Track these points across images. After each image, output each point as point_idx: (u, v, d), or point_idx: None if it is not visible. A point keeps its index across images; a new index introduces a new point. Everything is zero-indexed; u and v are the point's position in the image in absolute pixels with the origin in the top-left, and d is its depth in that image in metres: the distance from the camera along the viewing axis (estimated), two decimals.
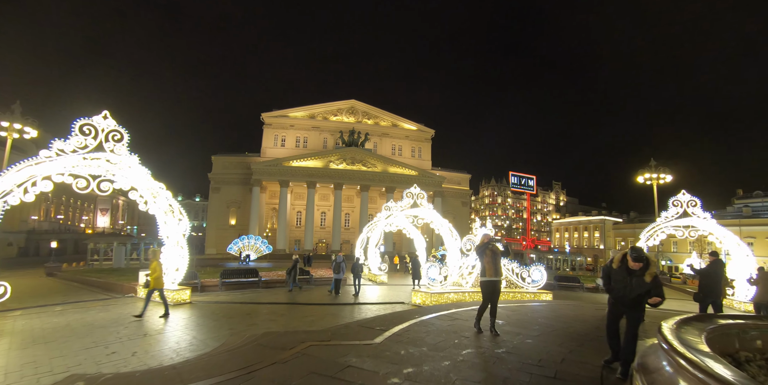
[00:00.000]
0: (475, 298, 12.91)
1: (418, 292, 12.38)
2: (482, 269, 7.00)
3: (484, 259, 6.96)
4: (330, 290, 14.63)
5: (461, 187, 62.77)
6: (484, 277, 6.93)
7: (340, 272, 14.29)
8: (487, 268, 6.90)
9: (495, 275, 6.90)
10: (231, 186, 54.91)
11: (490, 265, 6.89)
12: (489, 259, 6.93)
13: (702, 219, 20.16)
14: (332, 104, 57.66)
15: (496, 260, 6.97)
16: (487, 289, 6.89)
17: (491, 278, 6.86)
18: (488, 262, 6.91)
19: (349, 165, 51.71)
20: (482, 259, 7.01)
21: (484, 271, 6.96)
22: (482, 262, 7.01)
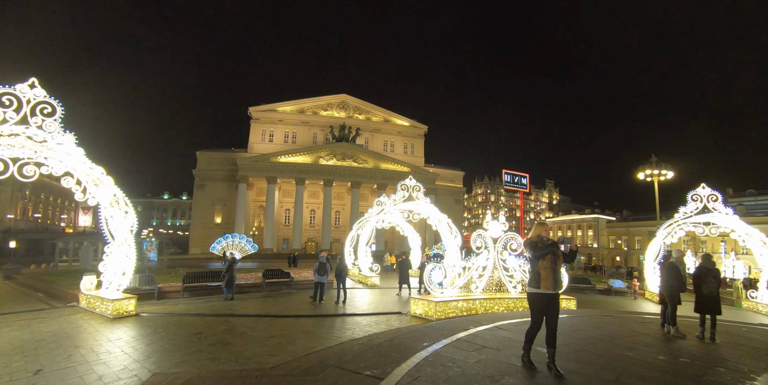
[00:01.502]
0: (486, 306, 10.57)
1: (419, 300, 9.98)
2: (534, 277, 4.69)
3: (540, 263, 4.65)
4: (311, 297, 12.17)
5: (455, 184, 60.61)
6: (537, 288, 4.63)
7: (323, 275, 11.84)
8: (543, 276, 4.60)
9: (554, 286, 4.62)
10: (216, 183, 52.07)
11: (548, 272, 4.59)
12: (548, 263, 4.63)
13: (724, 215, 18.17)
14: (322, 99, 55.06)
15: (557, 266, 4.66)
16: (540, 305, 4.64)
17: (548, 290, 4.58)
18: (546, 267, 4.61)
19: (340, 161, 49.19)
20: (536, 262, 4.70)
21: (536, 279, 4.65)
22: (535, 267, 4.70)
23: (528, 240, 4.86)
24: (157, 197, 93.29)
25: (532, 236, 4.92)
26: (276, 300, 12.60)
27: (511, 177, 69.40)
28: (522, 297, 11.44)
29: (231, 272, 12.59)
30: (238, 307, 11.16)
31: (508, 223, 12.23)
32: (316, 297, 11.91)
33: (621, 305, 16.11)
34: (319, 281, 11.80)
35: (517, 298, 11.33)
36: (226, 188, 51.45)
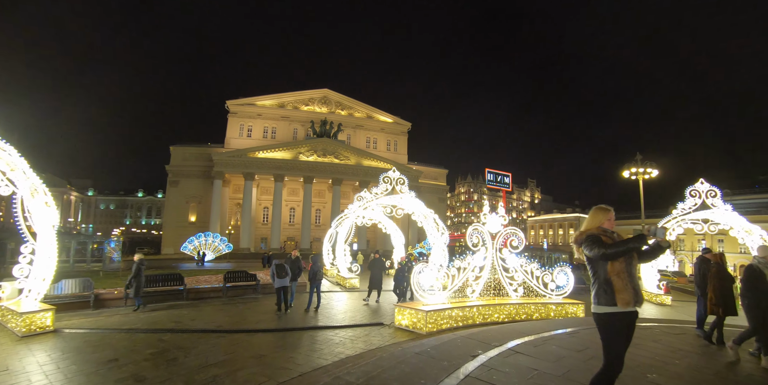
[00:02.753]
0: (485, 314, 8.81)
1: (405, 309, 8.11)
2: (602, 288, 2.94)
3: (610, 266, 2.90)
4: (276, 304, 10.16)
5: (438, 182, 59.14)
6: (611, 305, 2.90)
7: (284, 278, 9.84)
8: (619, 285, 2.91)
9: (636, 299, 2.90)
10: (191, 179, 49.18)
11: (624, 279, 2.89)
12: (623, 266, 2.91)
13: (723, 211, 16.97)
14: (303, 93, 52.74)
15: (633, 270, 2.90)
16: (621, 330, 2.93)
17: (628, 306, 2.89)
18: (621, 272, 2.91)
19: (321, 157, 47.02)
20: (603, 266, 2.94)
21: (607, 292, 2.93)
22: (601, 272, 2.96)
23: (586, 233, 3.05)
24: (130, 194, 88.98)
25: (589, 226, 3.13)
26: (235, 309, 10.58)
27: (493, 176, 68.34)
28: (524, 302, 9.73)
29: (139, 277, 10.13)
30: (185, 318, 9.12)
31: (508, 215, 10.48)
32: (280, 305, 9.92)
33: None
34: (280, 286, 9.81)
35: (519, 303, 9.61)
36: (202, 185, 48.64)
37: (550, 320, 8.29)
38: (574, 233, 3.23)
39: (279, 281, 9.79)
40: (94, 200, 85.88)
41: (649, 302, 17.20)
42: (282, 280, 9.81)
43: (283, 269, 9.91)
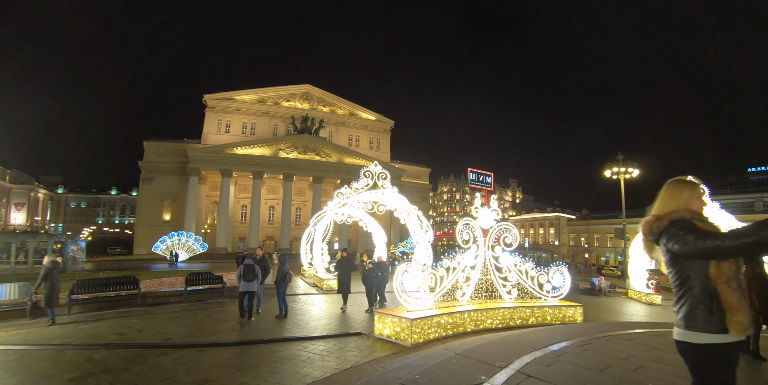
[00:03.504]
0: (477, 320, 7.75)
1: (386, 316, 6.98)
2: (703, 300, 1.85)
3: (714, 268, 1.81)
4: (243, 310, 8.87)
5: (421, 181, 58.23)
6: (719, 330, 1.81)
7: (252, 281, 8.59)
8: (730, 300, 1.81)
9: (748, 321, 1.77)
10: (166, 176, 46.87)
11: (734, 288, 1.84)
12: (734, 269, 1.84)
13: (711, 209, 16.54)
14: (285, 88, 50.98)
15: (739, 277, 1.84)
16: (730, 369, 1.83)
17: (742, 333, 1.80)
18: (731, 280, 1.84)
19: (301, 154, 45.45)
20: (702, 268, 1.84)
21: (711, 308, 1.85)
22: (699, 278, 1.89)
23: (669, 218, 1.95)
24: (103, 192, 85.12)
25: (670, 208, 2.03)
26: (193, 316, 9.26)
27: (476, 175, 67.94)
28: (519, 306, 8.72)
29: (52, 281, 8.23)
30: (131, 329, 7.78)
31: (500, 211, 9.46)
32: (243, 313, 8.64)
33: (616, 309, 13.88)
34: (245, 290, 8.56)
35: (514, 307, 8.61)
36: (177, 182, 46.42)
37: (551, 328, 7.27)
38: (644, 219, 2.13)
39: (245, 284, 8.53)
40: (64, 197, 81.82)
41: (638, 302, 16.62)
42: (249, 283, 8.55)
43: (252, 271, 8.65)
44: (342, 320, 9.04)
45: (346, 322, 8.73)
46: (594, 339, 5.96)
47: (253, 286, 8.56)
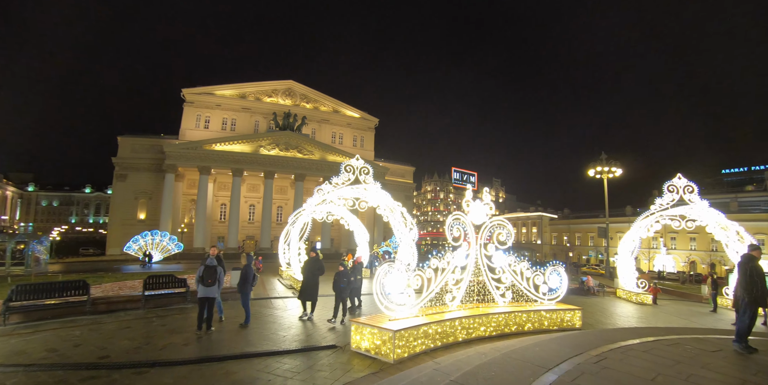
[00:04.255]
0: (469, 328, 6.78)
1: (364, 327, 5.93)
2: None
3: None
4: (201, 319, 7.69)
5: (405, 180, 57.38)
6: None
7: (212, 285, 7.44)
8: None
9: None
10: (141, 173, 44.77)
11: None
12: None
13: (699, 208, 16.02)
14: (267, 84, 49.36)
15: None
16: None
17: None
18: None
19: (283, 151, 43.97)
20: None
21: None
22: None
23: None
24: (77, 190, 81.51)
25: None
26: (147, 326, 8.04)
27: (460, 175, 68.23)
28: (515, 311, 7.79)
29: None
30: (68, 343, 6.56)
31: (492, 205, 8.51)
32: (201, 322, 7.47)
33: (609, 309, 13.14)
34: (205, 296, 7.40)
35: (509, 312, 7.66)
36: (153, 180, 44.40)
37: (555, 338, 6.33)
38: None
39: (204, 289, 7.37)
40: (35, 196, 78.01)
41: (628, 301, 15.99)
42: (208, 288, 7.38)
43: (212, 274, 7.48)
44: (315, 329, 7.96)
45: (320, 332, 7.65)
46: (608, 352, 5.05)
47: (213, 291, 7.40)
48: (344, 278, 8.91)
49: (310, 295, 8.94)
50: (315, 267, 9.17)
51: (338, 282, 8.87)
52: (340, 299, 8.85)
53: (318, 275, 9.12)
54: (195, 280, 7.48)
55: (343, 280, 8.81)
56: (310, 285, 8.95)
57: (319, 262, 9.34)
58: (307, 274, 9.17)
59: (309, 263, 9.43)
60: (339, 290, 8.83)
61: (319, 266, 9.20)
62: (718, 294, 15.39)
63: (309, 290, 8.95)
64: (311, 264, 9.32)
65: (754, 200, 52.32)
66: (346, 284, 8.83)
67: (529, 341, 5.80)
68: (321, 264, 9.26)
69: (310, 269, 9.19)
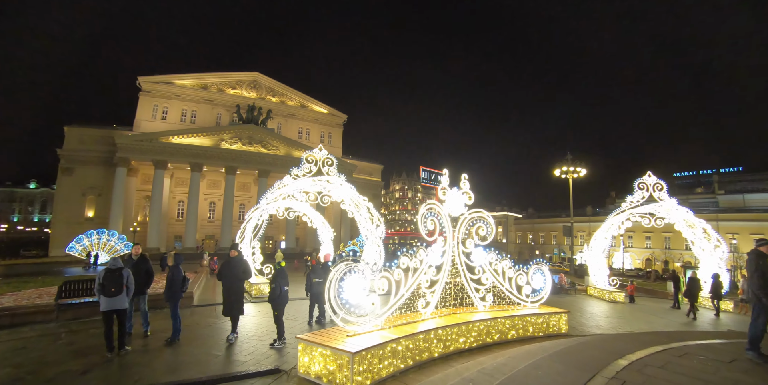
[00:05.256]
0: (446, 341, 5.53)
1: (316, 346, 4.52)
2: None
3: None
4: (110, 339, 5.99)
5: (373, 178, 56.08)
6: None
7: (118, 294, 5.80)
8: None
9: None
10: (90, 167, 40.96)
11: None
12: None
13: (668, 205, 15.72)
14: (231, 75, 46.61)
15: None
16: None
17: None
18: None
19: (246, 146, 41.56)
20: None
21: None
22: None
23: None
24: (20, 186, 74.74)
25: None
26: (49, 345, 6.33)
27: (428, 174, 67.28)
28: (498, 317, 6.61)
29: None
30: None
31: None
32: (111, 342, 5.80)
33: (586, 309, 12.36)
34: (109, 309, 5.76)
35: (491, 319, 6.48)
36: (103, 174, 40.69)
37: (550, 354, 5.15)
38: None
39: (107, 300, 5.71)
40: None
41: (601, 300, 15.42)
42: (114, 299, 5.73)
43: (115, 280, 5.81)
44: (258, 344, 6.48)
45: (262, 349, 6.17)
46: (624, 373, 3.92)
47: (120, 301, 5.76)
48: (315, 277, 7.55)
49: (232, 306, 6.75)
50: (236, 270, 6.87)
51: (309, 284, 7.47)
52: (311, 304, 7.49)
53: (242, 278, 6.93)
54: (95, 289, 5.80)
55: (313, 280, 7.40)
56: (229, 293, 6.79)
57: (240, 263, 7.02)
58: (225, 280, 6.86)
59: (226, 265, 6.98)
60: (313, 295, 7.44)
61: (244, 268, 6.94)
62: (679, 291, 15.15)
63: (227, 300, 6.76)
64: (229, 265, 6.92)
65: (702, 201, 54.73)
66: (314, 284, 7.40)
67: (521, 358, 4.61)
68: (245, 266, 7.02)
69: (228, 272, 6.84)
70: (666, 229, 51.74)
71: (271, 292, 6.54)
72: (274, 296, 6.52)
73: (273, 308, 6.56)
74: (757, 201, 49.48)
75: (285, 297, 6.62)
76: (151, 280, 7.19)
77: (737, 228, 44.73)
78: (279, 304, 6.51)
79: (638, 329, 9.14)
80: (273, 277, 6.75)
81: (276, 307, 6.52)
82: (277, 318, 6.51)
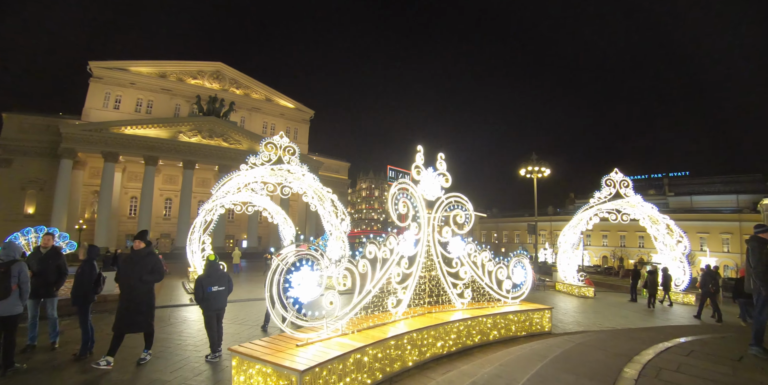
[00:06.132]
0: (421, 346, 4.54)
1: (254, 362, 3.38)
2: None
3: None
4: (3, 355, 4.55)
5: (339, 176, 54.70)
6: None
7: (6, 297, 4.39)
8: None
9: None
10: (32, 159, 37.09)
11: None
12: None
13: (635, 201, 15.67)
14: (192, 64, 43.77)
15: None
16: None
17: None
18: None
19: (206, 139, 39.12)
20: None
21: None
22: None
23: None
24: None
25: None
26: None
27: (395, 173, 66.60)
28: (479, 316, 5.71)
29: None
30: None
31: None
32: (8, 357, 4.43)
33: (560, 305, 11.84)
34: (6, 315, 4.40)
35: (471, 318, 5.57)
36: (46, 167, 36.96)
37: (551, 360, 4.26)
38: None
39: None
40: None
41: (570, 295, 15.11)
42: (6, 302, 4.38)
43: (4, 280, 4.44)
44: (195, 355, 5.25)
45: (199, 361, 4.96)
46: (641, 381, 3.08)
47: (9, 307, 4.38)
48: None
49: (126, 322, 4.88)
50: (140, 268, 4.99)
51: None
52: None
53: (148, 281, 5.01)
54: None
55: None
56: (128, 302, 4.91)
57: (148, 260, 5.09)
58: (124, 282, 5.03)
59: (129, 262, 5.13)
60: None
61: (153, 267, 5.05)
62: (637, 286, 15.21)
63: (124, 312, 4.89)
64: (132, 262, 5.09)
65: (655, 202, 57.32)
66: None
67: (516, 366, 3.71)
68: (153, 263, 5.09)
69: (131, 272, 4.98)
70: (621, 227, 53.84)
71: (194, 292, 5.30)
72: (197, 297, 5.26)
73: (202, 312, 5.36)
74: (703, 203, 52.18)
75: (217, 300, 5.32)
76: (63, 279, 5.77)
77: (686, 227, 46.57)
78: (205, 308, 5.26)
79: (618, 325, 8.61)
80: (200, 275, 5.48)
81: (204, 311, 5.29)
82: (206, 324, 5.25)
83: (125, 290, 4.96)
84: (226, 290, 5.40)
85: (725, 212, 47.62)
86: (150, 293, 5.11)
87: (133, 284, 4.90)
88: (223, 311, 5.43)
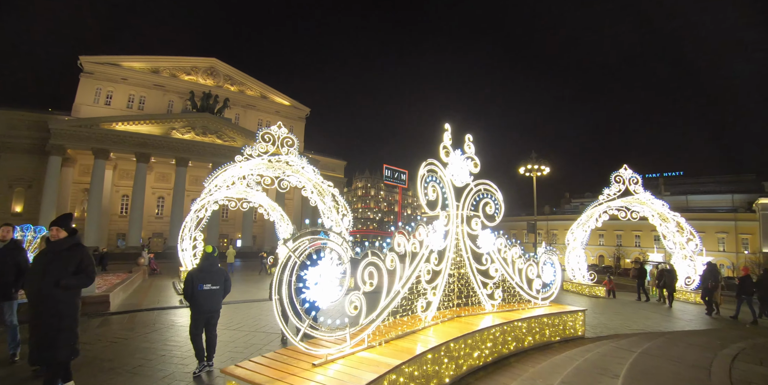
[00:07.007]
0: (458, 359, 3.70)
1: None
2: None
3: None
4: None
5: (336, 174, 53.75)
6: None
7: None
8: None
9: None
10: (20, 156, 35.72)
11: None
12: None
13: (645, 198, 15.08)
14: (186, 59, 42.59)
15: None
16: None
17: None
18: None
19: (200, 136, 38.01)
20: None
21: None
22: None
23: None
24: None
25: None
26: None
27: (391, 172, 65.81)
28: (512, 319, 4.91)
29: None
30: None
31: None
32: None
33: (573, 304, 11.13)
34: None
35: (507, 323, 4.76)
36: (34, 164, 35.63)
37: (592, 360, 3.47)
38: None
39: None
40: None
41: (581, 295, 14.43)
42: None
43: None
44: (179, 370, 4.40)
45: (185, 377, 4.12)
46: None
47: None
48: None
49: (42, 344, 3.40)
50: (55, 266, 3.52)
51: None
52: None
53: (74, 285, 3.59)
54: None
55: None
56: (38, 314, 3.46)
57: (74, 255, 3.68)
58: (31, 286, 3.55)
59: (41, 258, 3.69)
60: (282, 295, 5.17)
61: (79, 264, 3.66)
62: (643, 285, 14.61)
63: (37, 331, 3.44)
64: (47, 259, 3.59)
65: None
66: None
67: (578, 381, 2.92)
68: (81, 259, 3.71)
69: (42, 272, 3.50)
70: (618, 227, 53.55)
71: (183, 289, 4.44)
72: (186, 295, 4.41)
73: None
74: (698, 202, 52.08)
75: (208, 300, 4.42)
76: (21, 278, 4.88)
77: None
78: (194, 309, 4.42)
79: (647, 327, 7.90)
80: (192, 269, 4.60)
81: (192, 313, 4.43)
82: (191, 328, 4.39)
83: (34, 301, 3.46)
84: (221, 290, 4.53)
85: (721, 212, 47.50)
86: (72, 305, 3.55)
87: (46, 292, 3.37)
88: (217, 314, 4.58)
